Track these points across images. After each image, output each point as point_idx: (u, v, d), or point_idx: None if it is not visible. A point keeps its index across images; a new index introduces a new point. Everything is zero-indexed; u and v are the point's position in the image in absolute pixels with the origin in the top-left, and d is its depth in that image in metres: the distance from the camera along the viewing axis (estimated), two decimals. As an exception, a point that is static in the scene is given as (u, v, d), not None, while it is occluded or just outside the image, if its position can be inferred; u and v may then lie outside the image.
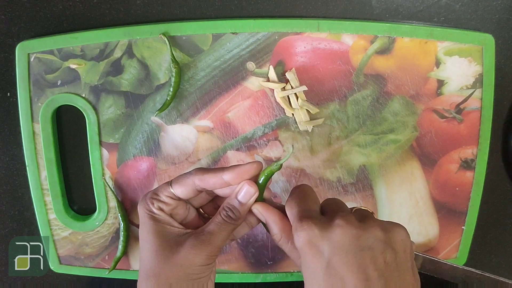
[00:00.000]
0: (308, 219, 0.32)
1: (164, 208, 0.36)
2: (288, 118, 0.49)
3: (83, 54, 0.47)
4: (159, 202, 0.36)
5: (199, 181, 0.36)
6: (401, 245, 0.32)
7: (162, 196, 0.36)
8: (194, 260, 0.34)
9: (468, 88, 0.49)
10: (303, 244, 0.31)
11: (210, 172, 0.36)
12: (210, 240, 0.35)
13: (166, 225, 0.36)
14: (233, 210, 0.36)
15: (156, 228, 0.36)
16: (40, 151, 0.48)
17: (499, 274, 0.55)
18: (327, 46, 0.47)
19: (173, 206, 0.37)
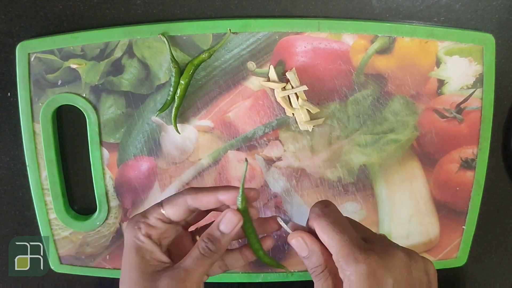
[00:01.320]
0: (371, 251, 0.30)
1: (152, 234, 0.34)
2: (289, 118, 0.49)
3: (83, 54, 0.47)
4: (148, 226, 0.34)
5: (192, 201, 0.34)
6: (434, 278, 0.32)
7: (151, 219, 0.34)
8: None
9: (468, 88, 0.49)
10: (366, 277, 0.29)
11: (204, 191, 0.34)
12: (185, 278, 0.32)
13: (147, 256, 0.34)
14: (213, 242, 0.33)
15: (136, 260, 0.34)
16: (41, 151, 0.48)
17: (499, 274, 0.55)
18: (327, 46, 0.47)
19: (162, 230, 0.35)
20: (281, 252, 0.51)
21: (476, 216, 0.51)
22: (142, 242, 0.34)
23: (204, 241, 0.33)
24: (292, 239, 0.33)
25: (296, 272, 0.51)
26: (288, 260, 0.51)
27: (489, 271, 0.55)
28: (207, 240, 0.33)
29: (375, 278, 0.29)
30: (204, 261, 0.33)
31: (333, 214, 0.32)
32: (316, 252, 0.32)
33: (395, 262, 0.30)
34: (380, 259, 0.29)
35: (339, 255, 0.30)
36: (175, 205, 0.34)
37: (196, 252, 0.33)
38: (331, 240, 0.31)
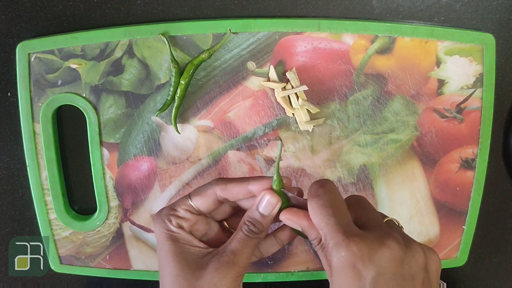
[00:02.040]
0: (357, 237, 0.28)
1: (183, 225, 0.34)
2: (289, 117, 0.49)
3: (83, 54, 0.47)
4: (178, 218, 0.34)
5: (221, 191, 0.34)
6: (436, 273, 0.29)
7: (180, 211, 0.34)
8: (219, 284, 0.31)
9: (468, 87, 0.49)
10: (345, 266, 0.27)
11: (233, 182, 0.34)
12: (235, 260, 0.32)
13: (186, 245, 0.33)
14: (255, 224, 0.33)
15: (175, 250, 0.33)
16: (41, 151, 0.48)
17: (499, 273, 0.55)
18: (327, 46, 0.47)
19: (192, 222, 0.34)
20: (281, 251, 0.51)
21: (476, 216, 0.51)
22: (176, 232, 0.33)
23: (246, 223, 0.33)
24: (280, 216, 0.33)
25: (296, 272, 0.51)
26: (288, 260, 0.51)
27: (489, 271, 0.55)
28: (249, 222, 0.33)
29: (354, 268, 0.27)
30: (250, 242, 0.33)
31: (325, 195, 0.31)
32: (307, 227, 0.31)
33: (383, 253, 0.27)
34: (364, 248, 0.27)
35: (325, 238, 0.29)
36: (203, 196, 0.34)
37: (240, 234, 0.33)
38: (318, 222, 0.30)
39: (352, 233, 0.28)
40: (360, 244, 0.27)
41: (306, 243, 0.51)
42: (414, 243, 0.29)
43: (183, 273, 0.32)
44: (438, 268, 0.30)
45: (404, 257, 0.28)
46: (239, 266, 0.32)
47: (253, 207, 0.33)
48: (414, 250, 0.29)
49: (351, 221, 0.30)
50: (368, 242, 0.28)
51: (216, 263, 0.32)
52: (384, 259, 0.27)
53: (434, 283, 0.29)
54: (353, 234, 0.28)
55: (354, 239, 0.28)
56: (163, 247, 0.33)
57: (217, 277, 0.31)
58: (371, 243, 0.28)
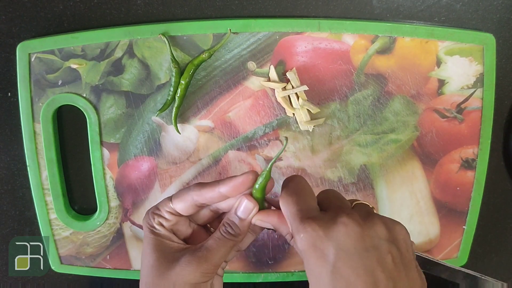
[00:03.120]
0: (310, 220, 0.30)
1: (164, 224, 0.35)
2: (289, 117, 0.49)
3: (84, 54, 0.47)
4: (160, 217, 0.36)
5: (197, 196, 0.35)
6: (404, 243, 0.30)
7: (162, 211, 0.36)
8: (187, 277, 0.33)
9: (469, 87, 0.49)
10: (307, 248, 0.29)
11: (207, 187, 0.35)
12: (207, 256, 0.33)
13: (166, 239, 0.35)
14: (233, 226, 0.34)
15: (155, 242, 0.35)
16: (41, 151, 0.48)
17: (500, 273, 0.55)
18: (328, 46, 0.47)
19: (173, 222, 0.36)
20: (281, 251, 0.51)
21: (477, 216, 0.51)
22: (157, 229, 0.35)
23: (224, 225, 0.35)
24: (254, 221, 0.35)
25: (296, 272, 0.51)
26: (288, 260, 0.51)
27: (490, 271, 0.55)
28: (227, 224, 0.35)
29: (315, 247, 0.29)
30: (226, 242, 0.34)
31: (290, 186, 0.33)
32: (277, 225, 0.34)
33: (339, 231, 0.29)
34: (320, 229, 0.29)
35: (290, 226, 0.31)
36: (182, 200, 0.35)
37: (218, 234, 0.35)
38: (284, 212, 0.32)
39: (308, 216, 0.30)
40: (313, 224, 0.29)
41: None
42: (374, 218, 0.30)
43: (158, 263, 0.34)
44: (405, 238, 0.30)
45: (361, 230, 0.29)
46: (210, 263, 0.33)
47: (232, 210, 0.35)
48: (373, 224, 0.30)
49: (314, 207, 0.32)
50: (322, 222, 0.29)
51: (188, 257, 0.33)
52: (341, 235, 0.28)
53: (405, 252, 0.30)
54: (308, 217, 0.30)
55: (308, 221, 0.29)
56: (146, 239, 0.35)
57: (186, 270, 0.33)
58: (325, 223, 0.29)
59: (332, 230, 0.29)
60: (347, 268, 0.28)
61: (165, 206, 0.36)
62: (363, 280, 0.28)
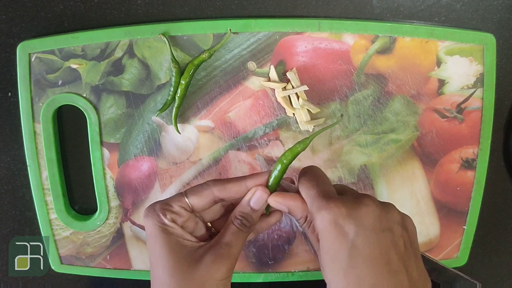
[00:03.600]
0: (334, 199, 0.31)
1: (177, 220, 0.34)
2: (289, 117, 0.49)
3: (84, 54, 0.47)
4: (172, 213, 0.34)
5: (219, 192, 0.35)
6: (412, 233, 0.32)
7: (175, 207, 0.35)
8: (215, 275, 0.33)
9: (469, 87, 0.49)
10: (328, 224, 0.30)
11: (231, 182, 0.35)
12: (229, 252, 0.34)
13: (180, 238, 0.34)
14: (247, 217, 0.35)
15: (170, 242, 0.33)
16: (41, 151, 0.48)
17: (500, 273, 0.55)
18: (328, 46, 0.47)
19: (185, 218, 0.35)
20: (281, 251, 0.51)
21: (477, 216, 0.51)
22: (170, 226, 0.34)
23: (238, 217, 0.35)
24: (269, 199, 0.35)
25: (296, 272, 0.51)
26: (288, 260, 0.51)
27: (490, 271, 0.55)
28: (241, 216, 0.35)
29: (336, 225, 0.30)
30: (242, 234, 0.35)
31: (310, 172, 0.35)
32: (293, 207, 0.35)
33: (361, 210, 0.30)
34: (343, 207, 0.30)
35: (310, 206, 0.33)
36: (200, 196, 0.35)
37: (233, 227, 0.35)
38: (304, 194, 0.34)
39: (331, 196, 0.32)
40: (338, 203, 0.31)
41: (307, 243, 0.51)
42: (389, 205, 0.33)
43: (179, 264, 0.33)
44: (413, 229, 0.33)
45: (380, 212, 0.31)
46: (233, 257, 0.34)
47: (244, 202, 0.36)
48: (390, 209, 0.32)
49: (334, 191, 0.33)
50: (346, 202, 0.31)
51: (212, 256, 0.33)
52: (362, 214, 0.30)
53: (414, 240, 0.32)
54: (332, 197, 0.32)
55: (333, 200, 0.31)
56: (157, 240, 0.34)
57: (213, 269, 0.33)
58: (349, 203, 0.31)
59: (355, 209, 0.30)
60: (365, 245, 0.30)
61: (178, 201, 0.35)
62: (378, 258, 0.29)
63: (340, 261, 0.30)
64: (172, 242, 0.34)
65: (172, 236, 0.34)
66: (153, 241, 0.34)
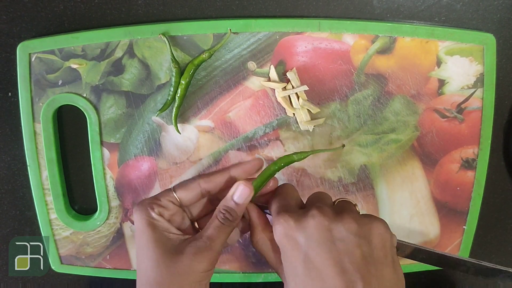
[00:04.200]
0: (285, 212, 0.33)
1: (164, 214, 0.36)
2: (289, 117, 0.49)
3: (84, 54, 0.47)
4: (160, 207, 0.36)
5: (205, 183, 0.36)
6: (378, 239, 0.32)
7: (163, 201, 0.36)
8: (197, 267, 0.34)
9: (469, 87, 0.49)
10: (281, 237, 0.32)
11: (216, 172, 0.37)
12: (211, 245, 0.34)
13: (165, 232, 0.35)
14: (230, 212, 0.36)
15: (155, 236, 0.35)
16: (41, 151, 0.48)
17: (500, 273, 0.55)
18: (328, 46, 0.47)
19: (173, 212, 0.36)
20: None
21: (477, 216, 0.51)
22: (157, 220, 0.35)
23: (221, 211, 0.36)
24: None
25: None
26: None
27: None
28: (224, 211, 0.36)
29: (288, 237, 0.32)
30: (225, 229, 0.35)
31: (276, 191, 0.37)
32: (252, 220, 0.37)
33: (308, 221, 0.32)
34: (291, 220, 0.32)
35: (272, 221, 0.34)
36: (188, 189, 0.36)
37: (216, 222, 0.36)
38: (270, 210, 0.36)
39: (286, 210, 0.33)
40: (286, 216, 0.32)
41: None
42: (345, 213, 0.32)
43: (163, 257, 0.34)
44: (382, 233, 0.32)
45: (329, 223, 0.31)
46: (214, 251, 0.35)
47: (227, 196, 0.36)
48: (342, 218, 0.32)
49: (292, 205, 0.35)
50: (294, 215, 0.32)
51: (193, 248, 0.34)
52: (309, 226, 0.31)
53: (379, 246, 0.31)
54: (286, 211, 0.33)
55: (282, 214, 0.33)
56: (144, 234, 0.35)
57: (195, 261, 0.34)
58: (297, 216, 0.32)
59: (302, 222, 0.32)
60: (317, 256, 0.30)
61: (167, 196, 0.36)
62: (331, 269, 0.30)
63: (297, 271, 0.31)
64: (157, 235, 0.35)
65: (158, 229, 0.35)
66: (140, 235, 0.35)
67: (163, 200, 0.36)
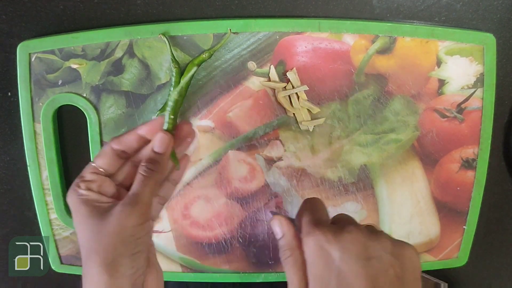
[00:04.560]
0: (321, 225, 0.32)
1: (92, 187, 0.36)
2: (289, 117, 0.49)
3: (84, 54, 0.47)
4: (85, 182, 0.36)
5: (116, 145, 0.37)
6: (410, 262, 0.31)
7: (87, 176, 0.37)
8: (125, 222, 0.34)
9: (469, 87, 0.49)
10: (315, 250, 0.31)
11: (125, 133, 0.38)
12: (136, 199, 0.35)
13: (96, 203, 0.36)
14: (152, 162, 0.36)
15: (87, 209, 0.35)
16: (41, 151, 0.48)
17: (500, 273, 0.55)
18: (328, 46, 0.47)
19: (99, 183, 0.37)
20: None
21: (477, 216, 0.51)
22: (85, 195, 0.36)
23: (143, 164, 0.36)
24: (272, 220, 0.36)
25: (296, 272, 0.51)
26: (289, 260, 0.51)
27: (490, 271, 0.55)
28: (146, 162, 0.36)
29: (322, 250, 0.31)
30: (148, 181, 0.36)
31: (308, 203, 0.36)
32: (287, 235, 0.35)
33: (345, 236, 0.31)
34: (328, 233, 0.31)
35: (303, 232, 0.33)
36: (102, 155, 0.37)
37: (139, 176, 0.36)
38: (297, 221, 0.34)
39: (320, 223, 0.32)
40: (324, 229, 0.31)
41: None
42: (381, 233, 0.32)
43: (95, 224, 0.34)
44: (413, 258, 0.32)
45: (366, 240, 0.31)
46: (141, 204, 0.35)
47: (148, 148, 0.37)
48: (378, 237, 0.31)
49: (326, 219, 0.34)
50: (332, 229, 0.32)
51: (119, 206, 0.35)
52: (346, 241, 0.31)
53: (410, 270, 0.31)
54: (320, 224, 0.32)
55: (319, 226, 0.32)
56: (78, 212, 0.36)
57: (122, 217, 0.34)
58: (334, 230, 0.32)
59: (339, 235, 0.31)
60: (351, 272, 0.30)
61: (87, 169, 0.37)
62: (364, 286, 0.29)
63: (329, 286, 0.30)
64: (89, 208, 0.35)
65: (88, 203, 0.35)
66: (75, 214, 0.36)
67: (87, 175, 0.37)
